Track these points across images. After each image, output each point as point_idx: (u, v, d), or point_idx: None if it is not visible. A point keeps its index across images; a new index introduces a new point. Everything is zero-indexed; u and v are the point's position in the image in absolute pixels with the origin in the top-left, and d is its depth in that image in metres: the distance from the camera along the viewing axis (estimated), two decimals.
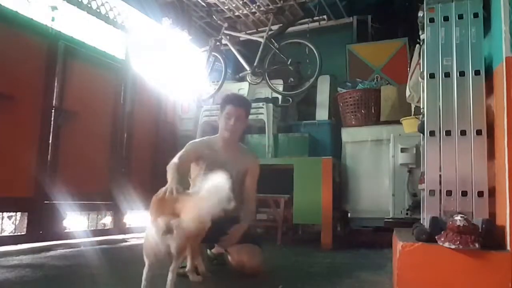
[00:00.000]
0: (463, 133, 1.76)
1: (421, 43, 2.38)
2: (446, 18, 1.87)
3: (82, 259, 2.83)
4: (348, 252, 3.33)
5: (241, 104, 2.45)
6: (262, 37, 4.34)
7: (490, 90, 1.76)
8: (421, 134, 2.07)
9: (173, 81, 4.71)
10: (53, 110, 3.37)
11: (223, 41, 4.57)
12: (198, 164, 2.41)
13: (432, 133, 1.82)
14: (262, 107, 4.28)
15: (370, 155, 3.91)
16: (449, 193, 1.74)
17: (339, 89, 4.33)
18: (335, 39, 5.10)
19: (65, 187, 3.32)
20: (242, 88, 4.79)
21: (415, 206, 3.19)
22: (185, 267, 2.15)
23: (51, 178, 3.30)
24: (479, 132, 1.74)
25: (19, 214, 3.23)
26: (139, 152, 4.24)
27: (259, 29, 5.20)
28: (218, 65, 4.61)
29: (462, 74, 1.80)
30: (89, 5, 3.78)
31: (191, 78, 4.82)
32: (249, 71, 4.35)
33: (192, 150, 2.41)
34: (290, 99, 4.54)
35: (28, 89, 3.18)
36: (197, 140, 2.58)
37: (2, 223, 3.20)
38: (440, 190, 1.76)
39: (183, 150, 2.41)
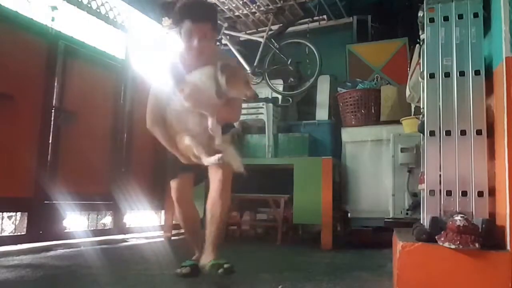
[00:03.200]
0: (463, 133, 1.76)
1: (421, 43, 2.37)
2: (446, 18, 1.87)
3: (82, 259, 2.83)
4: (348, 252, 3.33)
5: (204, 16, 1.99)
6: (262, 37, 4.34)
7: (490, 90, 1.76)
8: (421, 134, 2.06)
9: None
10: (53, 110, 3.37)
11: (223, 41, 4.57)
12: None
13: (432, 133, 1.81)
14: (262, 107, 4.28)
15: (370, 155, 3.91)
16: (449, 193, 1.74)
17: (339, 89, 4.33)
18: (335, 39, 5.09)
19: (65, 187, 3.32)
20: None
21: (415, 206, 3.18)
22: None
23: (51, 178, 3.30)
24: (479, 132, 1.74)
25: (19, 214, 3.23)
26: (139, 152, 4.24)
27: (259, 29, 5.19)
28: None
29: (462, 74, 1.80)
30: (89, 5, 3.78)
31: None
32: (249, 71, 4.35)
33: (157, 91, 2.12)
34: (290, 99, 4.54)
35: (28, 89, 3.18)
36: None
37: (2, 223, 3.20)
38: (440, 190, 1.76)
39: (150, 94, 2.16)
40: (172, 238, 4.10)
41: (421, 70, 2.21)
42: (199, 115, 2.00)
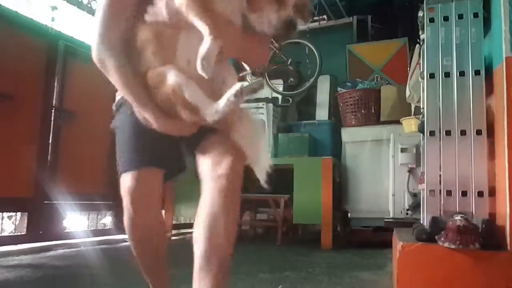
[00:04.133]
0: (463, 133, 1.76)
1: (421, 43, 2.37)
2: (446, 18, 1.87)
3: (82, 259, 2.83)
4: (348, 252, 3.32)
5: None
6: None
7: (490, 90, 1.76)
8: (421, 134, 2.06)
9: None
10: (53, 110, 3.37)
11: None
12: None
13: (432, 133, 1.81)
14: (262, 107, 4.28)
15: (370, 155, 3.90)
16: (449, 193, 1.74)
17: (339, 89, 4.33)
18: (335, 39, 5.10)
19: (65, 187, 3.32)
20: None
21: (415, 206, 3.18)
22: None
23: (51, 178, 3.30)
24: (479, 132, 1.74)
25: (19, 214, 3.24)
26: None
27: None
28: None
29: (462, 74, 1.80)
30: (89, 5, 3.79)
31: None
32: (249, 71, 4.35)
33: None
34: (290, 99, 4.54)
35: (28, 89, 3.18)
36: None
37: (2, 223, 3.21)
38: (440, 190, 1.76)
39: None
40: (172, 238, 4.10)
41: (421, 70, 2.21)
42: (197, 38, 1.06)
